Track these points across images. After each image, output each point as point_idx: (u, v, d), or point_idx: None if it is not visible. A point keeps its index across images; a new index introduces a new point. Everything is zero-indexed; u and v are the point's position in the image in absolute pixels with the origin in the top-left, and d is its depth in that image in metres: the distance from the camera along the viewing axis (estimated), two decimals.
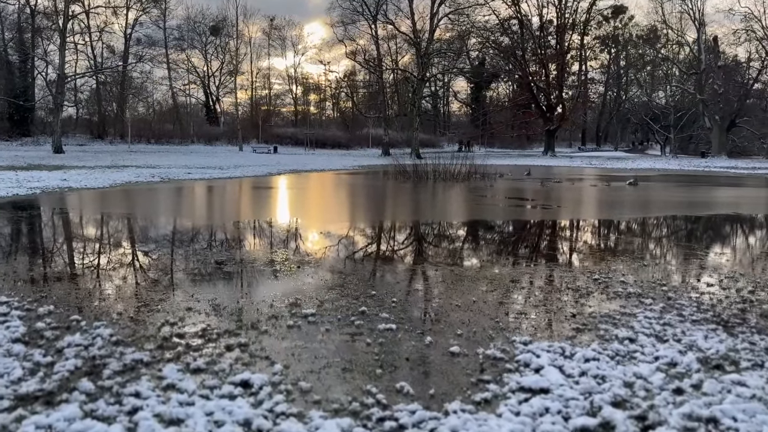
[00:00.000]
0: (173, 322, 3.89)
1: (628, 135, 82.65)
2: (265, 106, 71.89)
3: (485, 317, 4.08)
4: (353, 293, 4.69)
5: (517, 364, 3.21)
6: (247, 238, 7.64)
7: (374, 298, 4.53)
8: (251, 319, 3.99)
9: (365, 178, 22.36)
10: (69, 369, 3.10)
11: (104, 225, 9.16)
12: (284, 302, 4.40)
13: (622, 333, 3.72)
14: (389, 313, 4.12)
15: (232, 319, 3.99)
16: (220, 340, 3.56)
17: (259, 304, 4.36)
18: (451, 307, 4.33)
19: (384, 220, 10.41)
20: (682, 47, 54.09)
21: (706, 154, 48.61)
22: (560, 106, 51.71)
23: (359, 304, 4.35)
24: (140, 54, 50.48)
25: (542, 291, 4.83)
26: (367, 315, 4.09)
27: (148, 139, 54.78)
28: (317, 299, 4.49)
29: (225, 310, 4.18)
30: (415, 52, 43.97)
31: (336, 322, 3.94)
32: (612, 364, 3.21)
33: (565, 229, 9.17)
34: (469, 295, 4.65)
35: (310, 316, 4.05)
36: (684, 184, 20.16)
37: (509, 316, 4.13)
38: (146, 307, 4.26)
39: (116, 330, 3.73)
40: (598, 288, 4.94)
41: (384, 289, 4.85)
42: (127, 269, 5.62)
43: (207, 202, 13.61)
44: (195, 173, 21.59)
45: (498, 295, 4.69)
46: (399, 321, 3.96)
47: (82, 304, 4.31)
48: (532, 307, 4.36)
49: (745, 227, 9.97)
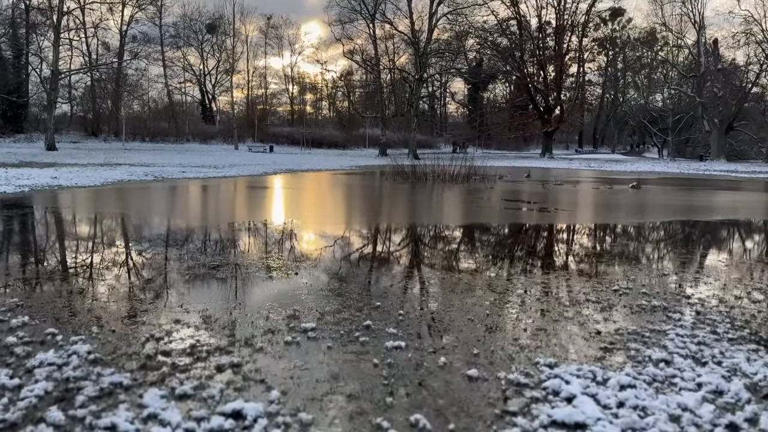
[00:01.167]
0: (159, 337, 3.52)
1: (624, 138, 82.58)
2: (261, 105, 71.42)
3: (502, 333, 3.72)
4: (356, 304, 4.33)
5: (544, 391, 2.85)
6: (242, 242, 7.26)
7: (379, 310, 4.17)
8: (245, 333, 3.62)
9: (363, 178, 21.99)
10: (38, 394, 2.73)
11: (91, 227, 8.77)
12: (281, 314, 4.03)
13: (655, 354, 3.37)
14: (396, 328, 3.76)
15: (224, 333, 3.62)
16: (210, 359, 3.19)
17: (254, 315, 3.99)
18: (464, 321, 3.97)
19: (385, 223, 10.05)
20: (681, 50, 53.91)
21: (704, 157, 48.43)
22: (558, 107, 51.42)
23: (363, 317, 3.99)
24: (135, 51, 49.93)
25: (560, 303, 4.48)
26: (373, 330, 3.73)
27: (143, 137, 54.30)
28: (317, 311, 4.13)
29: (216, 323, 3.81)
30: (414, 51, 43.63)
31: (338, 338, 3.58)
32: (651, 392, 2.86)
33: (574, 234, 8.82)
34: (481, 308, 4.29)
35: (310, 330, 3.69)
36: (687, 187, 19.87)
37: (527, 332, 3.77)
38: (130, 318, 3.89)
39: (95, 346, 3.36)
40: (619, 300, 4.59)
41: (389, 299, 4.49)
42: (111, 276, 5.24)
43: (201, 202, 13.23)
44: (189, 172, 21.19)
45: (513, 307, 4.34)
46: (408, 337, 3.60)
47: (60, 315, 3.93)
48: (552, 321, 4.00)
49: (764, 233, 9.66)
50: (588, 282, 5.22)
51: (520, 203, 12.64)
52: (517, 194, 14.92)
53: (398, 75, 55.88)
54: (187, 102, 70.21)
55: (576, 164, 39.86)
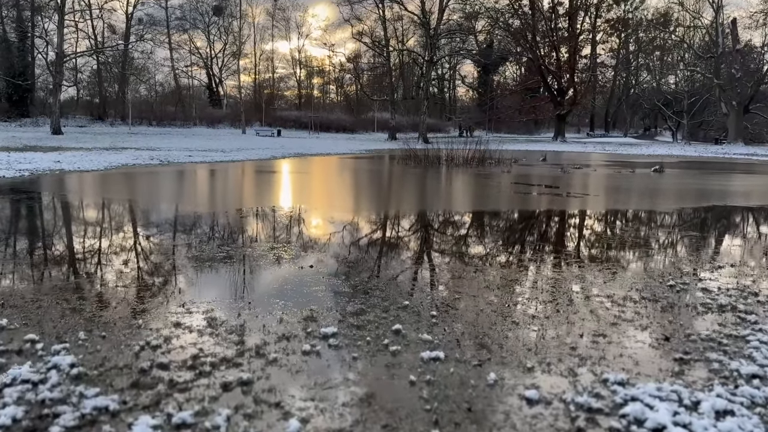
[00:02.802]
0: (156, 345, 3.01)
1: (636, 121, 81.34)
2: (268, 90, 70.68)
3: (554, 340, 3.18)
4: (381, 303, 3.80)
5: (625, 420, 2.32)
6: (251, 231, 6.74)
7: (408, 311, 3.64)
8: (256, 340, 3.10)
9: (375, 162, 21.42)
10: (4, 424, 2.23)
11: (87, 214, 8.27)
12: (297, 315, 3.51)
13: (744, 367, 2.83)
14: (431, 334, 3.23)
15: (231, 340, 3.10)
16: (215, 375, 2.68)
17: (266, 317, 3.47)
18: (507, 324, 3.43)
19: (404, 211, 9.49)
20: (697, 30, 52.62)
21: (720, 140, 47.41)
22: (571, 89, 50.42)
23: (391, 320, 3.46)
24: (141, 33, 49.27)
25: (613, 302, 3.93)
26: (404, 336, 3.20)
27: (149, 121, 53.84)
28: (337, 312, 3.60)
29: (223, 327, 3.29)
30: (424, 32, 42.73)
31: (365, 346, 3.05)
32: (756, 420, 2.32)
33: (612, 222, 8.25)
34: (524, 307, 3.76)
35: (330, 337, 3.16)
36: (713, 171, 19.17)
37: (585, 338, 3.23)
38: (124, 321, 3.38)
39: (80, 357, 2.85)
40: (678, 298, 4.04)
41: (418, 297, 3.96)
42: (104, 270, 4.73)
43: (207, 188, 12.71)
44: (196, 156, 20.68)
45: (562, 308, 3.79)
46: (446, 345, 3.07)
47: (43, 318, 3.42)
48: (610, 325, 3.46)
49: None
50: (638, 276, 4.66)
51: (545, 188, 12.05)
52: (539, 179, 14.31)
53: (407, 57, 54.94)
54: (194, 86, 69.56)
55: (590, 148, 39.06)
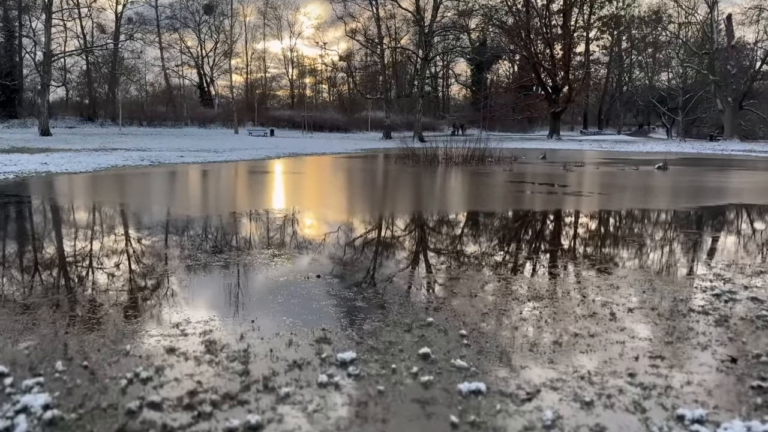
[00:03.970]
0: (146, 378, 2.56)
1: (630, 118, 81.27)
2: (259, 90, 70.02)
3: (609, 366, 2.76)
4: (402, 320, 3.36)
5: None
6: (249, 237, 6.29)
7: (433, 329, 3.21)
8: (263, 370, 2.66)
9: (373, 162, 20.98)
10: None
11: (71, 219, 7.78)
12: (308, 337, 3.07)
13: None
14: (465, 359, 2.80)
15: (234, 370, 2.66)
16: (216, 418, 2.24)
17: (273, 340, 3.03)
18: (549, 345, 3.01)
19: (413, 213, 9.04)
20: (690, 26, 52.41)
21: (715, 137, 47.22)
22: (566, 87, 50.12)
23: (416, 341, 3.03)
24: (131, 32, 48.57)
25: (660, 315, 3.51)
26: (434, 362, 2.77)
27: (140, 122, 53.15)
28: (354, 331, 3.17)
29: (224, 353, 2.85)
30: (418, 30, 42.31)
31: (391, 375, 2.62)
32: None
33: (630, 222, 7.85)
34: (563, 323, 3.33)
35: (349, 364, 2.73)
36: (716, 168, 18.84)
37: (641, 362, 2.80)
38: (109, 347, 2.93)
39: (56, 395, 2.40)
40: (730, 309, 3.63)
41: (442, 313, 3.53)
42: (86, 284, 4.27)
43: (200, 190, 12.23)
44: (188, 156, 20.16)
45: (604, 323, 3.37)
46: (485, 373, 2.65)
47: (16, 346, 2.96)
48: (664, 345, 3.04)
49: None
50: (678, 284, 4.24)
51: (552, 187, 11.64)
52: (545, 177, 13.91)
53: (401, 56, 54.52)
54: (185, 85, 68.83)
55: (586, 145, 38.75)
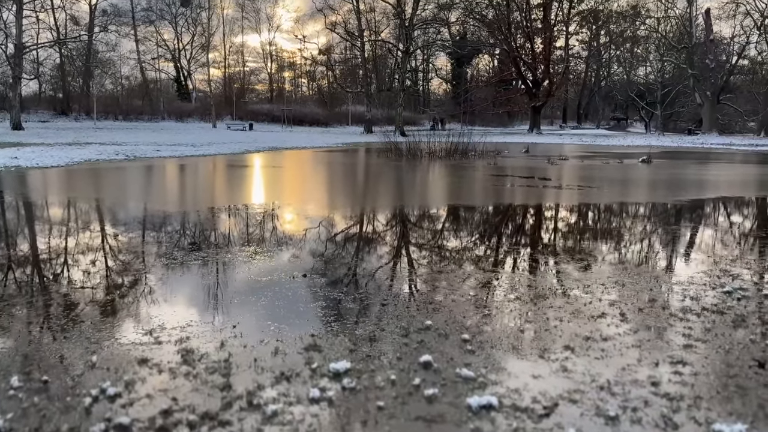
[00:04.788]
0: (114, 395, 2.26)
1: (608, 113, 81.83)
2: (237, 84, 69.06)
3: (629, 372, 2.51)
4: (397, 323, 3.09)
5: None
6: (229, 235, 5.96)
7: (433, 334, 2.94)
8: (247, 384, 2.37)
9: (354, 156, 20.66)
10: None
11: (38, 215, 7.38)
12: (296, 344, 2.79)
13: None
14: (471, 368, 2.53)
15: (214, 384, 2.36)
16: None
17: (257, 348, 2.74)
18: (558, 348, 2.76)
19: (401, 208, 8.76)
20: (668, 20, 52.72)
21: (693, 131, 47.64)
22: (546, 81, 50.16)
23: (415, 347, 2.76)
24: (105, 24, 47.47)
25: (673, 315, 3.28)
26: (437, 372, 2.50)
27: (115, 116, 52.05)
28: (347, 337, 2.89)
29: (202, 364, 2.55)
30: (399, 23, 41.96)
31: (390, 388, 2.35)
32: None
33: (625, 216, 7.65)
34: (573, 325, 3.08)
35: (343, 375, 2.45)
36: (699, 161, 18.83)
37: (662, 368, 2.56)
38: (74, 359, 2.61)
39: (9, 417, 2.09)
40: (744, 308, 3.42)
41: (441, 315, 3.26)
42: (50, 285, 3.93)
43: (177, 185, 11.82)
44: (164, 150, 19.65)
45: (615, 323, 3.13)
46: (494, 384, 2.39)
47: None
48: (683, 348, 2.80)
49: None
50: (686, 281, 4.03)
51: (541, 181, 11.44)
52: (530, 171, 13.71)
53: (381, 49, 54.11)
54: (161, 79, 67.59)
55: (567, 139, 38.75)
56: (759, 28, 45.58)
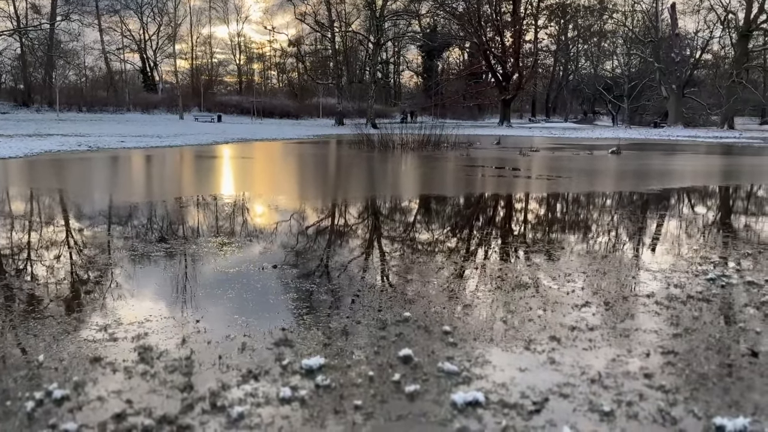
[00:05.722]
0: (60, 398, 2.03)
1: (576, 107, 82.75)
2: (205, 76, 67.80)
3: (619, 364, 2.38)
4: (374, 315, 2.91)
5: None
6: (194, 225, 5.70)
7: (412, 326, 2.76)
8: (210, 384, 2.16)
9: (326, 147, 20.38)
10: None
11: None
12: (265, 339, 2.58)
13: None
14: (454, 361, 2.37)
15: (173, 384, 2.15)
16: None
17: (222, 344, 2.53)
18: (544, 339, 2.61)
19: (374, 198, 8.56)
20: (635, 14, 53.39)
21: (659, 124, 48.39)
22: (516, 74, 50.39)
23: (393, 340, 2.58)
24: (67, 12, 46.06)
25: (658, 304, 3.16)
26: (418, 366, 2.33)
27: (79, 107, 50.61)
28: (320, 331, 2.69)
29: (161, 362, 2.33)
30: (370, 14, 41.62)
31: (368, 385, 2.16)
32: None
33: (597, 205, 7.58)
34: (557, 314, 2.93)
35: (317, 372, 2.26)
36: (666, 152, 19.03)
37: (653, 358, 2.43)
38: (15, 358, 2.37)
39: None
40: (730, 294, 3.33)
41: (420, 305, 3.08)
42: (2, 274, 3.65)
43: (142, 175, 11.42)
44: (129, 142, 19.10)
45: (601, 312, 2.99)
46: (478, 377, 2.22)
47: None
48: (672, 337, 2.68)
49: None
50: (668, 269, 3.93)
51: (512, 171, 11.35)
52: (503, 162, 13.63)
53: (352, 41, 53.69)
54: (126, 70, 66.02)
55: (536, 132, 38.98)
56: (722, 23, 46.49)
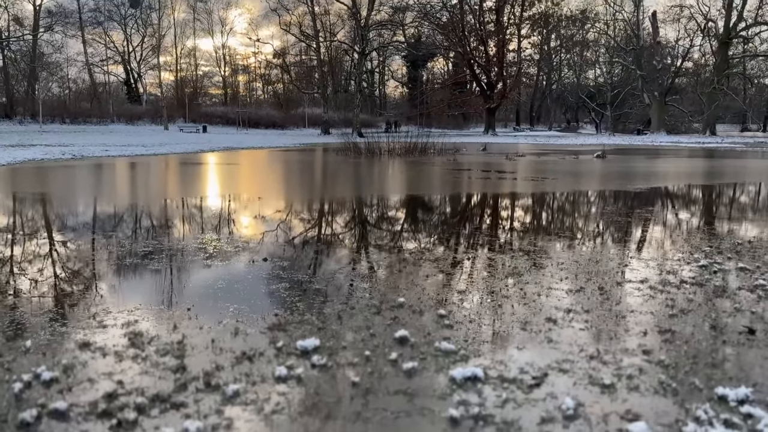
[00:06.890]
0: (49, 380, 1.98)
1: (560, 115, 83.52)
2: (189, 89, 67.54)
3: (618, 341, 2.37)
4: (369, 302, 2.88)
5: None
6: (184, 222, 5.64)
7: (408, 310, 2.73)
8: (203, 365, 2.11)
9: (313, 154, 20.34)
10: None
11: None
12: (259, 324, 2.54)
13: None
14: (450, 340, 2.34)
15: (165, 366, 2.10)
16: (141, 426, 1.69)
17: (215, 329, 2.49)
18: (540, 322, 2.59)
19: (363, 197, 8.54)
20: (617, 23, 54.09)
21: (642, 131, 48.93)
22: (501, 83, 50.75)
23: (389, 323, 2.55)
24: (50, 24, 45.78)
25: (653, 288, 3.16)
26: (415, 346, 2.30)
27: (62, 119, 50.20)
28: (314, 316, 2.66)
29: (152, 346, 2.28)
30: (355, 24, 41.77)
31: (365, 364, 2.13)
32: None
33: (586, 203, 7.61)
34: (550, 296, 2.92)
35: (313, 352, 2.22)
36: (649, 156, 19.20)
37: (651, 336, 2.43)
38: (4, 343, 2.30)
39: None
40: (723, 279, 3.34)
41: (414, 292, 3.06)
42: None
43: (126, 181, 11.30)
44: (114, 151, 18.94)
45: (596, 294, 2.99)
46: (476, 355, 2.20)
47: None
48: (669, 317, 2.68)
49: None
50: (660, 257, 3.93)
51: (501, 174, 11.38)
52: (490, 166, 13.67)
53: (337, 51, 53.82)
54: (110, 82, 65.63)
55: (522, 139, 39.25)
56: (702, 31, 47.21)
